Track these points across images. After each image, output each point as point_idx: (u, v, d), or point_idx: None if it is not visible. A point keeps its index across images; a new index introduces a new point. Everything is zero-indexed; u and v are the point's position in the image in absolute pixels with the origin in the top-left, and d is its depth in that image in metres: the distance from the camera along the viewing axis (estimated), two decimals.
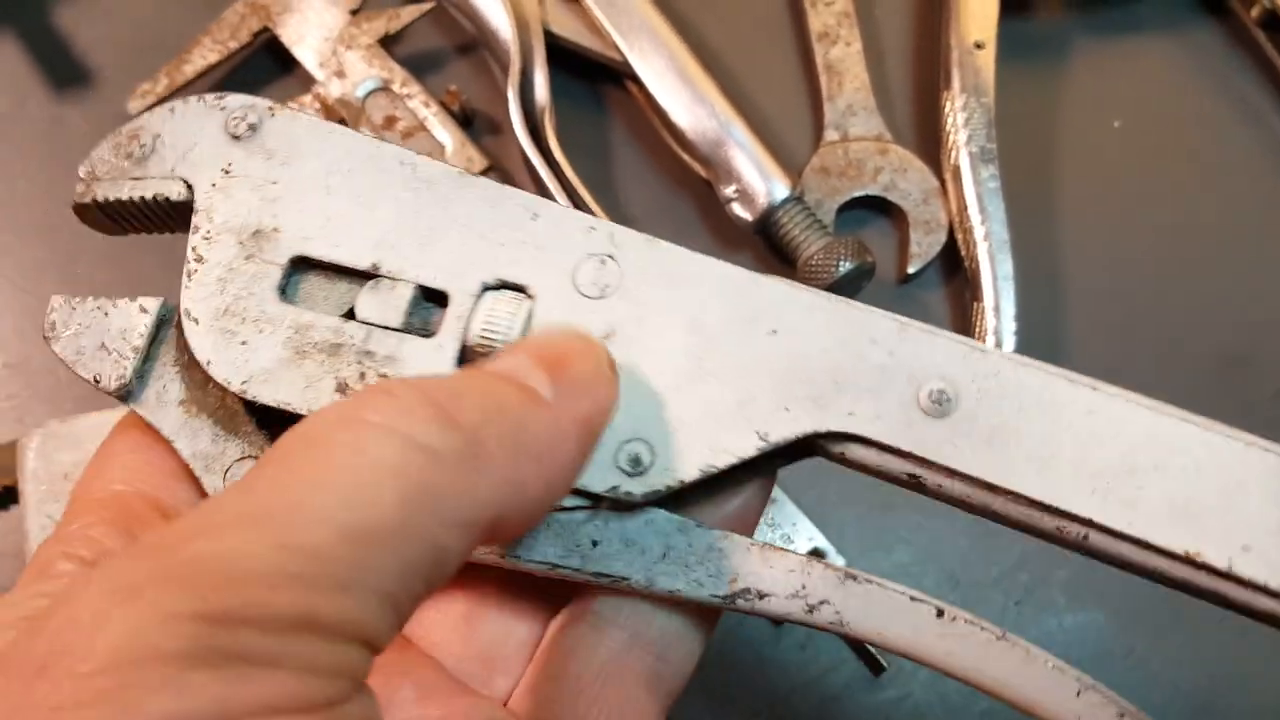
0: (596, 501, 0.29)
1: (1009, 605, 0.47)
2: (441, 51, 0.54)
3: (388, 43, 0.52)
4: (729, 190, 0.50)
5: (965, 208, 0.49)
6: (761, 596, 0.29)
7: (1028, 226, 0.50)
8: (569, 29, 0.52)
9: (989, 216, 0.48)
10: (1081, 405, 0.27)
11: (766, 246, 0.51)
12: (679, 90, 0.50)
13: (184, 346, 0.30)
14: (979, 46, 0.51)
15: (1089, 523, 0.27)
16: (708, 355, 0.29)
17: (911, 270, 0.50)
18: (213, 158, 0.30)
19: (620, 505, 0.29)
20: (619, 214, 0.51)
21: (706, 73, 0.51)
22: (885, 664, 0.46)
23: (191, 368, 0.30)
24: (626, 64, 0.51)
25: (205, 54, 0.52)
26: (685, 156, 0.51)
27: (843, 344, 0.28)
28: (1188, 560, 0.26)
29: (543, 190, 0.49)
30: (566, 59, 0.52)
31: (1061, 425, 0.27)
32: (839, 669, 0.46)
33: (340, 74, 0.51)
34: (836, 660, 0.46)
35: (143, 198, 0.31)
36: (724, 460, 0.28)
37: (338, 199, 0.30)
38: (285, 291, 0.30)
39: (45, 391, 0.50)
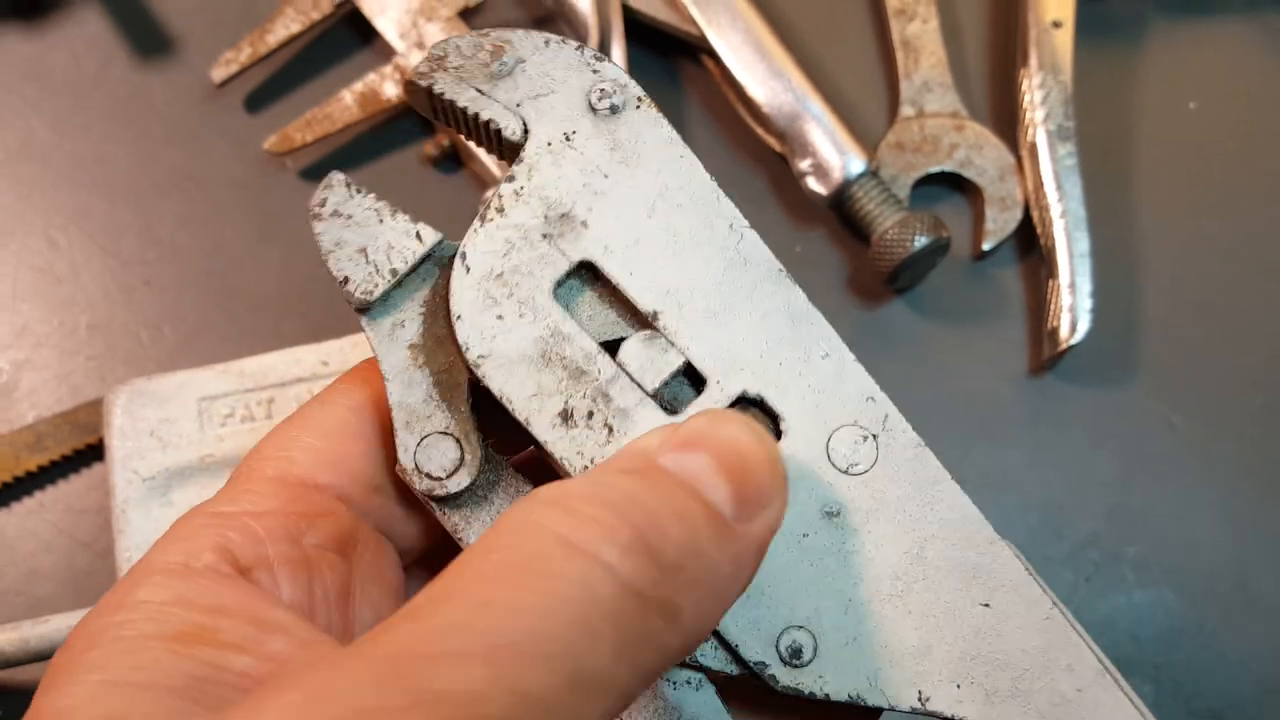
0: (740, 664, 0.28)
1: (1079, 582, 0.47)
2: (519, 25, 0.55)
3: (468, 15, 0.53)
4: (804, 164, 0.50)
5: (1042, 185, 0.49)
6: None
7: (1103, 205, 0.50)
8: (646, 3, 0.52)
9: (1066, 194, 0.48)
10: None
11: (840, 221, 0.51)
12: (755, 64, 0.51)
13: (440, 291, 0.29)
14: (1057, 25, 0.51)
15: None
16: (914, 588, 0.27)
17: (987, 247, 0.50)
18: (563, 116, 0.29)
19: (757, 681, 0.28)
20: None
21: (783, 47, 0.51)
22: None
23: (436, 317, 0.29)
24: (703, 38, 0.51)
25: (288, 24, 0.53)
26: (760, 131, 0.52)
27: (1041, 656, 0.27)
28: None
29: None
30: (643, 33, 0.53)
31: None
32: None
33: (420, 45, 0.52)
34: None
35: (477, 115, 0.29)
36: (874, 699, 0.27)
37: (654, 228, 0.28)
38: (559, 289, 0.28)
39: (127, 352, 0.51)
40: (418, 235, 0.28)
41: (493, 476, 0.29)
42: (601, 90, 0.29)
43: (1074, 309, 0.47)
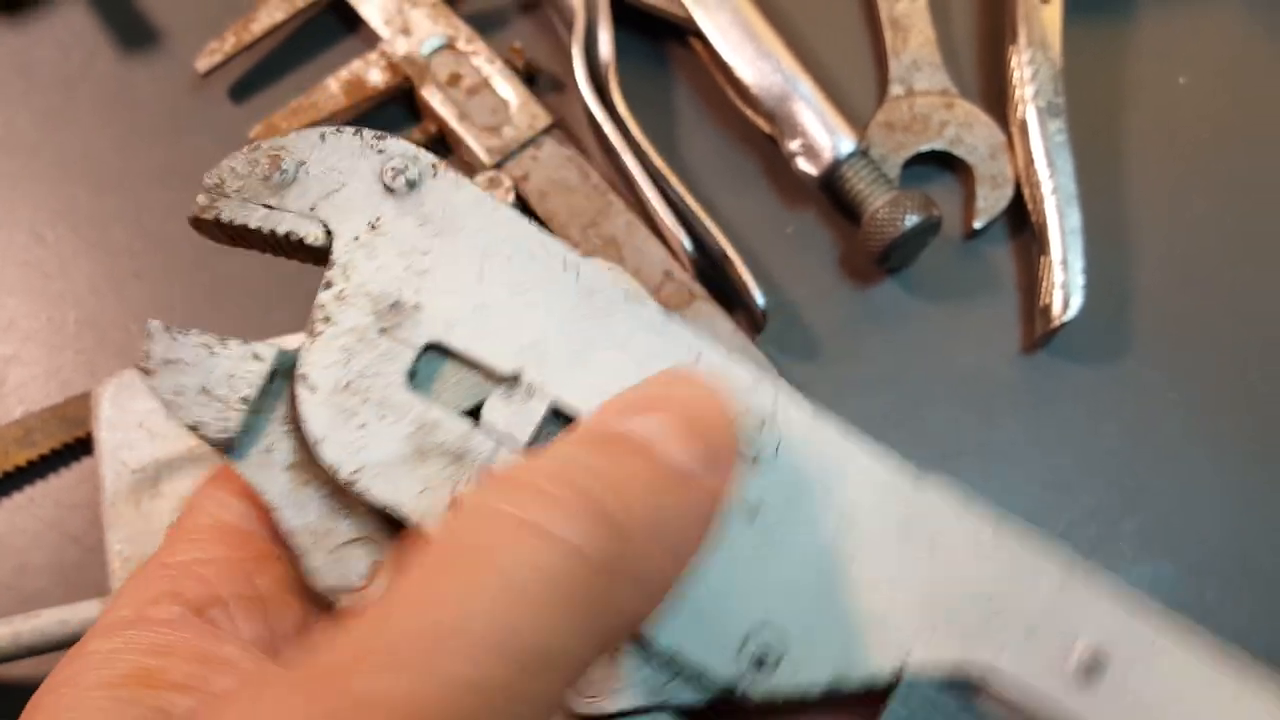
0: (709, 689, 0.26)
1: (1077, 557, 0.47)
2: (505, 9, 0.54)
3: (452, 0, 0.53)
4: (793, 145, 0.50)
5: (1032, 162, 0.49)
6: None
7: (1095, 181, 0.50)
8: None
9: (1057, 170, 0.48)
10: (1228, 692, 0.27)
11: (831, 202, 0.51)
12: (743, 45, 0.50)
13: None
14: (1045, 1, 0.51)
15: None
16: (857, 556, 0.27)
17: (978, 225, 0.50)
18: (361, 207, 0.27)
19: (730, 703, 0.26)
20: (683, 169, 0.51)
21: (771, 28, 0.51)
22: None
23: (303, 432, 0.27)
24: (690, 20, 0.51)
25: (272, 12, 0.53)
26: (749, 112, 0.51)
27: (999, 579, 0.27)
28: None
29: (606, 147, 0.50)
30: (630, 16, 0.52)
31: (1202, 713, 0.27)
32: None
33: (405, 31, 0.52)
34: None
35: (274, 231, 0.28)
36: (856, 676, 0.26)
37: (490, 287, 0.27)
38: (414, 377, 0.27)
39: (116, 345, 0.51)
40: (255, 355, 0.27)
41: None
42: (393, 169, 0.28)
43: (1066, 285, 0.47)
